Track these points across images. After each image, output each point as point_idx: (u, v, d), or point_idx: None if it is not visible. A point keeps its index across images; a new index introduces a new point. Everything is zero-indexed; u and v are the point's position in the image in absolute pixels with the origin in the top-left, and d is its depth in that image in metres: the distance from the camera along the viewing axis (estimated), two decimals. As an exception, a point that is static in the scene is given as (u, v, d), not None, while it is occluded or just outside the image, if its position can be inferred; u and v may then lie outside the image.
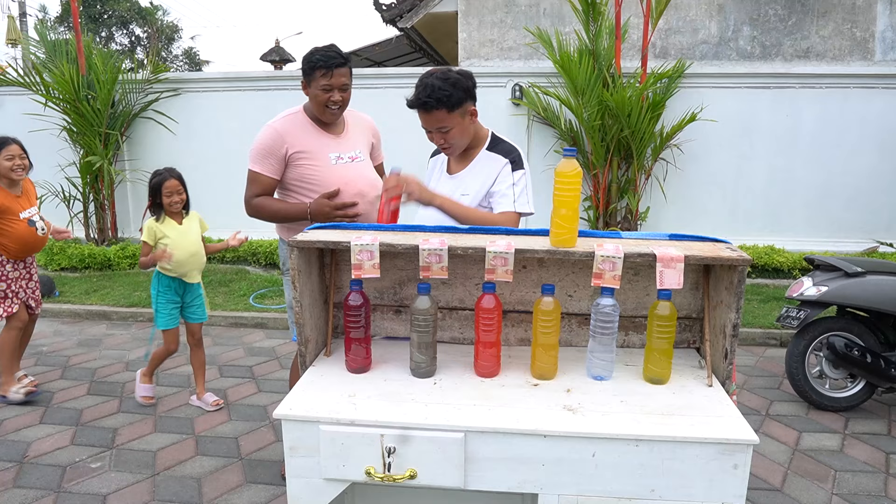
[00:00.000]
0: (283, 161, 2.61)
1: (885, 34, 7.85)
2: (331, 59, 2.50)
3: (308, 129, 2.65)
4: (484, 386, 1.76)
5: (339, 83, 2.53)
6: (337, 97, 2.55)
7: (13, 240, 3.62)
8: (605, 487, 1.52)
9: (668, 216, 7.40)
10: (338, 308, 2.07)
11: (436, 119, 2.19)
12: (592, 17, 6.90)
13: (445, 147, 2.30)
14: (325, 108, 2.58)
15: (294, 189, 2.68)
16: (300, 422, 1.58)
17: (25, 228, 3.64)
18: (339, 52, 2.54)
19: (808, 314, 3.71)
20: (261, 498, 2.87)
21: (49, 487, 2.94)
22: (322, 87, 2.53)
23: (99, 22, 25.58)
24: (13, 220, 3.60)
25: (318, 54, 2.52)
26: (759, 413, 3.77)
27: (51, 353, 4.77)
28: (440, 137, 2.25)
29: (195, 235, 3.61)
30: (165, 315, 3.60)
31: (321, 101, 2.56)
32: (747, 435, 1.49)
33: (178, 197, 3.51)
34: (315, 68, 2.51)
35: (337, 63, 2.50)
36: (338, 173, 2.62)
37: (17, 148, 3.63)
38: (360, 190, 2.63)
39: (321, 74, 2.51)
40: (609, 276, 1.67)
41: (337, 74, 2.51)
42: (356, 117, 2.83)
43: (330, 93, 2.54)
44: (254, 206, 2.66)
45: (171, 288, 3.59)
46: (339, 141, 2.69)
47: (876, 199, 7.25)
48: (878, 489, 2.99)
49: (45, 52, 7.69)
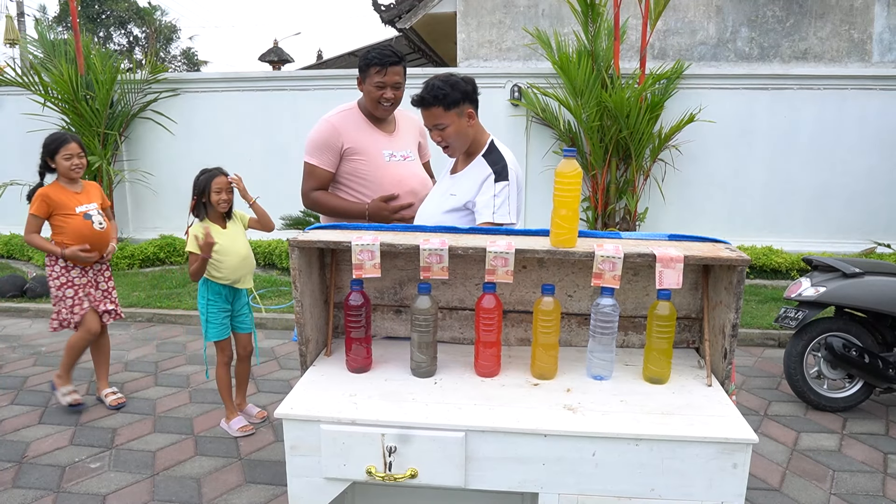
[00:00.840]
0: (338, 155, 2.67)
1: (883, 36, 7.88)
2: (386, 57, 2.59)
3: (362, 126, 2.71)
4: (484, 386, 1.76)
5: (392, 81, 2.61)
6: (389, 94, 2.63)
7: (69, 235, 3.47)
8: (605, 486, 1.53)
9: (666, 217, 7.41)
10: (338, 308, 2.07)
11: (433, 116, 2.28)
12: (591, 18, 6.91)
13: (444, 146, 2.35)
14: (377, 105, 2.65)
15: (345, 184, 2.72)
16: (301, 421, 1.58)
17: (81, 222, 3.50)
18: (395, 51, 2.63)
19: (807, 315, 3.72)
20: (260, 498, 2.88)
21: (48, 487, 2.94)
22: (376, 84, 2.60)
23: (97, 22, 25.56)
24: (68, 215, 3.48)
25: (374, 52, 2.61)
26: (758, 413, 3.78)
27: (49, 353, 4.77)
28: (437, 135, 2.33)
29: (243, 237, 3.42)
30: (217, 325, 3.37)
31: (374, 98, 2.63)
32: (747, 434, 1.50)
33: (226, 195, 3.30)
34: (370, 65, 2.60)
35: (392, 61, 2.59)
36: (391, 170, 2.68)
37: (76, 146, 3.51)
38: (413, 188, 2.69)
39: (375, 72, 2.59)
40: (609, 277, 1.68)
41: (391, 72, 2.60)
42: (405, 116, 2.88)
43: (383, 90, 2.61)
44: (312, 200, 2.72)
45: (222, 296, 3.36)
46: (392, 139, 2.75)
47: (874, 201, 7.26)
48: (875, 489, 3.00)
49: (44, 51, 7.68)
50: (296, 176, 4.50)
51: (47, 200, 3.45)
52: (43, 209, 3.45)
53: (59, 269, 3.54)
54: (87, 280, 3.61)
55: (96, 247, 3.56)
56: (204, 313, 3.37)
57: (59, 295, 3.55)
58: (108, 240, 3.65)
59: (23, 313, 5.80)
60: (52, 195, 3.47)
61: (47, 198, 3.45)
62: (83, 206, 3.55)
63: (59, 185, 3.53)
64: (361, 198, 2.69)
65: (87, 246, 3.50)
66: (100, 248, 3.59)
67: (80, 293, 3.58)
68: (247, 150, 7.83)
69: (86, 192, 3.61)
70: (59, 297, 3.56)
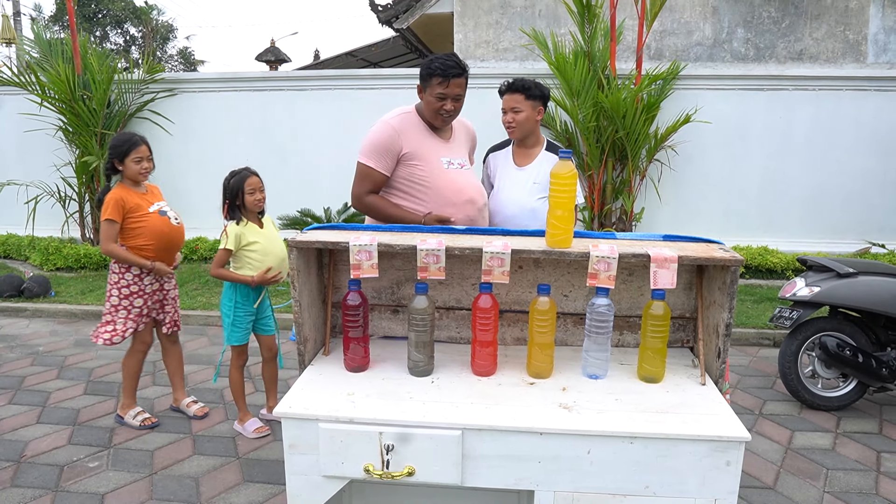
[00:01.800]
0: (395, 159, 2.58)
1: (878, 37, 7.91)
2: (449, 68, 2.51)
3: (421, 131, 2.64)
4: (481, 384, 1.78)
5: (453, 93, 2.54)
6: (450, 106, 2.56)
7: (149, 235, 3.31)
8: (600, 484, 1.55)
9: (662, 217, 7.44)
10: (336, 308, 2.09)
11: (514, 100, 2.77)
12: (587, 19, 6.93)
13: (512, 127, 2.81)
14: (436, 115, 2.59)
15: (400, 188, 2.64)
16: (299, 420, 1.60)
17: (158, 219, 3.35)
18: (458, 62, 2.55)
19: (801, 314, 3.75)
20: (258, 496, 2.89)
21: (47, 487, 2.95)
22: (437, 95, 2.54)
23: (93, 21, 25.52)
24: (144, 215, 3.32)
25: (438, 62, 2.53)
26: (753, 412, 3.81)
27: (47, 352, 4.77)
28: (512, 116, 2.79)
29: (279, 237, 3.36)
30: (241, 329, 3.34)
31: (434, 108, 2.57)
32: (739, 432, 1.52)
33: (260, 195, 3.28)
34: (432, 75, 2.52)
35: (454, 73, 2.51)
36: (449, 177, 2.62)
37: (146, 149, 3.36)
38: (471, 197, 2.66)
39: (437, 82, 2.52)
40: (604, 277, 1.70)
41: (453, 84, 2.53)
42: (461, 124, 2.83)
43: (443, 101, 2.55)
44: (366, 204, 2.63)
45: (251, 299, 3.33)
46: (449, 146, 2.70)
47: (868, 201, 7.30)
48: (869, 487, 3.02)
49: (41, 51, 7.68)
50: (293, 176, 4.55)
51: (122, 203, 3.26)
52: (119, 213, 3.26)
53: (130, 277, 3.35)
54: (158, 287, 3.47)
55: (175, 242, 3.45)
56: (229, 315, 3.32)
57: (125, 305, 3.35)
58: (183, 235, 3.55)
59: (20, 313, 5.80)
60: (126, 197, 3.29)
61: (122, 201, 3.26)
62: (154, 205, 3.40)
63: (126, 187, 3.36)
64: (419, 204, 2.61)
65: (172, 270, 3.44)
66: (178, 243, 3.48)
67: (148, 302, 3.42)
68: (244, 151, 7.83)
69: (151, 193, 3.47)
70: (125, 307, 3.36)
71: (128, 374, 3.53)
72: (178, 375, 3.70)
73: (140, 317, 3.40)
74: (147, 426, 3.50)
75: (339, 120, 7.62)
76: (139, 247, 3.32)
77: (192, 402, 3.69)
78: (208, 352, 4.75)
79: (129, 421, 3.52)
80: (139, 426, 3.49)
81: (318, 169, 7.73)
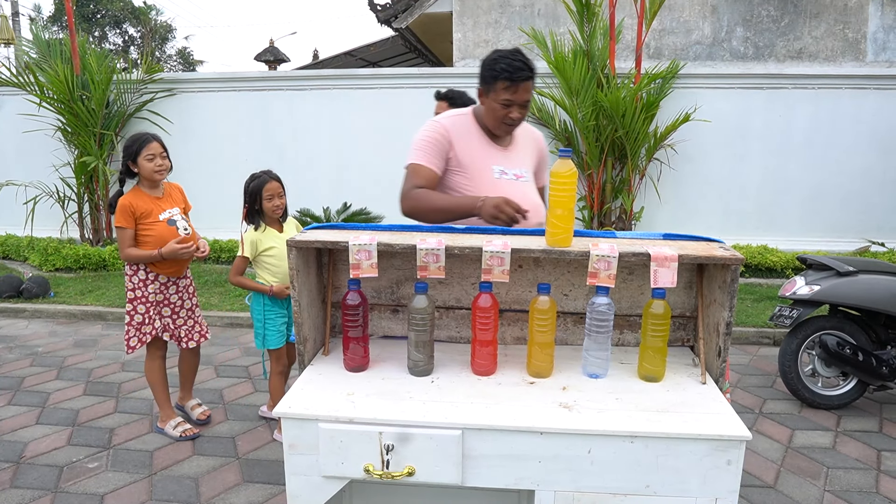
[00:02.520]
0: (444, 160, 2.31)
1: (877, 35, 7.92)
2: (517, 70, 2.17)
3: (475, 135, 2.35)
4: (481, 384, 1.78)
5: (521, 99, 2.23)
6: (516, 114, 2.26)
7: (155, 245, 3.17)
8: (600, 483, 1.55)
9: (662, 216, 7.44)
10: (336, 307, 2.09)
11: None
12: (587, 18, 6.93)
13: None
14: (500, 124, 2.29)
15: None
16: (299, 420, 1.59)
17: (165, 229, 3.20)
18: (526, 62, 2.21)
19: (801, 313, 3.75)
20: (258, 497, 2.89)
21: (46, 487, 2.95)
22: (502, 102, 2.22)
23: (92, 21, 25.51)
24: (153, 223, 3.19)
25: (504, 63, 2.18)
26: (753, 411, 3.80)
27: (46, 353, 4.77)
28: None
29: None
30: (276, 332, 3.30)
31: (498, 116, 2.26)
32: (740, 431, 1.52)
33: (279, 200, 3.22)
34: (498, 79, 2.19)
35: (524, 77, 2.19)
36: (499, 189, 2.26)
37: (158, 146, 3.20)
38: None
39: (504, 87, 2.19)
40: (604, 276, 1.69)
41: (522, 89, 2.21)
42: (526, 131, 2.49)
43: (510, 108, 2.24)
44: (412, 198, 2.26)
45: (278, 302, 3.30)
46: (507, 154, 2.38)
47: (868, 200, 7.30)
48: (869, 486, 3.02)
49: (39, 51, 7.67)
50: (292, 175, 4.52)
51: (131, 210, 3.16)
52: (129, 220, 3.16)
53: (136, 282, 3.25)
54: (163, 298, 3.32)
55: (183, 258, 3.25)
56: (261, 320, 3.30)
57: (129, 310, 3.27)
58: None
59: (20, 314, 5.80)
60: (135, 203, 3.17)
61: (131, 207, 3.16)
62: (166, 212, 3.25)
63: (139, 190, 3.23)
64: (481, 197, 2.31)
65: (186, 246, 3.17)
66: (186, 256, 3.25)
67: (150, 312, 3.27)
68: (243, 151, 7.84)
69: (168, 196, 3.32)
70: (129, 311, 3.28)
71: (151, 384, 3.43)
72: (189, 378, 3.64)
73: (143, 325, 3.26)
74: (187, 437, 3.39)
75: (338, 119, 7.62)
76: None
77: (196, 404, 3.66)
78: (207, 352, 4.74)
79: (168, 432, 3.42)
80: (179, 437, 3.38)
81: (318, 169, 7.73)
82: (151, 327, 3.28)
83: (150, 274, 3.25)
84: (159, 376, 3.42)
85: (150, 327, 3.27)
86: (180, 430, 3.40)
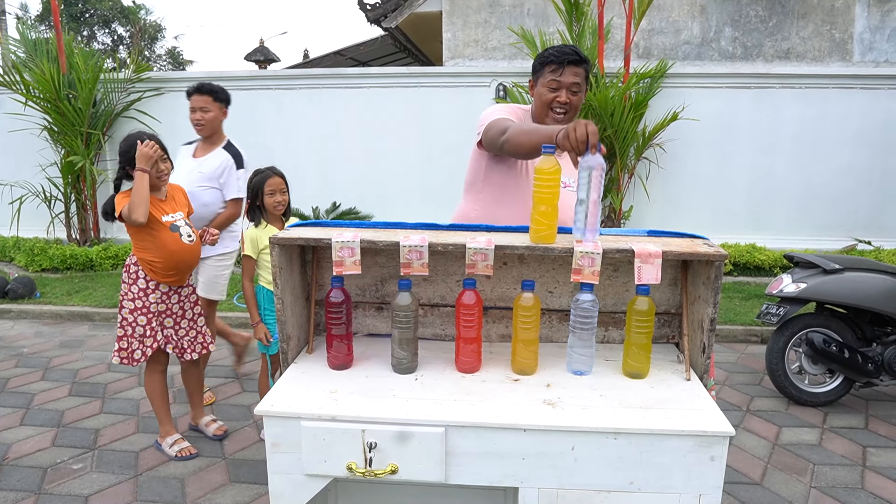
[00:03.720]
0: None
1: (863, 36, 7.97)
2: (564, 54, 2.17)
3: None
4: (465, 381, 1.77)
5: (569, 82, 2.18)
6: (564, 97, 2.19)
7: (156, 251, 2.96)
8: (584, 480, 1.54)
9: (651, 215, 7.46)
10: (319, 305, 2.07)
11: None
12: (576, 18, 6.94)
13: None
14: (549, 110, 2.22)
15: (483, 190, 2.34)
16: (282, 418, 1.58)
17: (168, 235, 2.96)
18: (577, 50, 2.20)
19: (788, 311, 3.76)
20: (245, 497, 2.87)
21: (30, 489, 2.92)
22: (549, 85, 2.19)
23: (80, 21, 25.32)
24: (155, 227, 2.95)
25: (552, 49, 2.21)
26: (740, 409, 3.82)
27: (31, 354, 4.72)
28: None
29: None
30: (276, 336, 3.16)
31: (545, 101, 2.21)
32: (724, 427, 1.52)
33: (281, 196, 3.11)
34: (545, 63, 2.20)
35: (571, 59, 2.16)
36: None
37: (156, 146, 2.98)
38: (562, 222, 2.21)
39: (550, 70, 2.19)
40: (588, 272, 1.69)
41: (569, 72, 2.17)
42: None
43: (557, 92, 2.19)
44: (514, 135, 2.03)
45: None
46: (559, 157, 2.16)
47: (855, 198, 7.35)
48: (854, 482, 3.03)
49: (26, 51, 7.61)
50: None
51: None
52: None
53: (136, 291, 3.01)
54: (165, 308, 3.09)
55: (186, 262, 3.05)
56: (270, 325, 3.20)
57: (130, 320, 3.01)
58: (197, 255, 3.13)
59: (4, 315, 5.74)
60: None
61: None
62: (168, 215, 3.02)
63: None
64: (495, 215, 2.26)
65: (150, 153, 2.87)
66: (189, 263, 3.08)
67: (153, 322, 3.05)
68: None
69: (171, 199, 3.09)
70: (129, 322, 3.02)
71: (151, 397, 3.23)
72: (196, 395, 3.45)
73: (144, 337, 3.03)
74: (184, 457, 3.20)
75: (327, 119, 7.60)
76: (148, 261, 2.98)
77: (211, 420, 3.47)
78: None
79: (165, 450, 3.24)
80: (175, 457, 3.19)
81: (307, 168, 7.69)
82: (153, 339, 3.05)
83: (150, 283, 3.01)
84: (159, 390, 3.22)
85: (151, 339, 3.05)
86: (177, 449, 3.22)
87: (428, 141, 7.53)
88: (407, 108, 7.53)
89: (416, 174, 7.62)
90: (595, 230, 1.71)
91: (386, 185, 7.65)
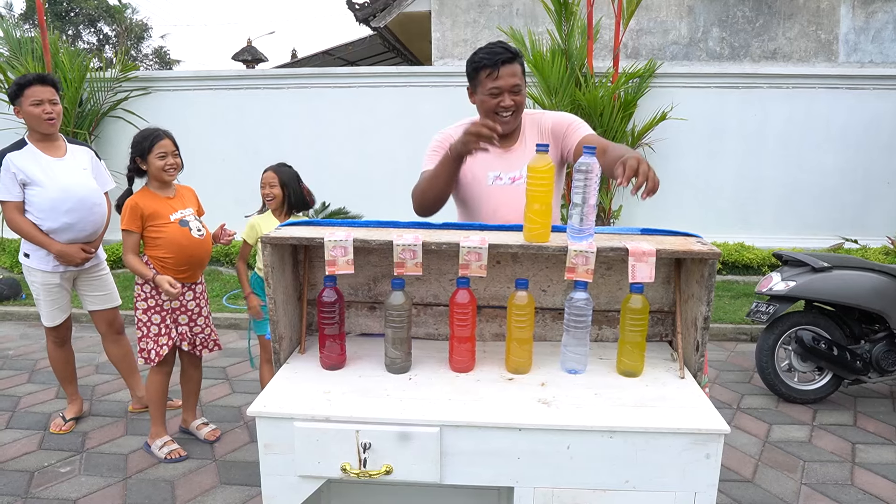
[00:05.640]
0: None
1: (848, 37, 8.05)
2: (496, 54, 2.09)
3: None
4: (459, 381, 1.76)
5: (509, 84, 2.11)
6: (508, 101, 2.13)
7: (166, 247, 2.97)
8: (579, 479, 1.54)
9: (640, 214, 7.48)
10: (312, 305, 2.06)
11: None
12: (565, 17, 6.95)
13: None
14: (495, 117, 2.15)
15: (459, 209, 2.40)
16: (274, 419, 1.57)
17: (177, 230, 2.99)
18: (507, 47, 2.12)
19: (777, 309, 3.79)
20: (235, 499, 2.84)
21: (16, 493, 2.88)
22: (489, 92, 2.12)
23: (65, 20, 25.08)
24: (163, 224, 2.98)
25: (482, 52, 2.13)
26: (731, 407, 3.83)
27: (17, 356, 4.66)
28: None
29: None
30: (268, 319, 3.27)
31: (489, 108, 2.15)
32: (719, 425, 1.52)
33: (269, 190, 3.22)
34: (479, 69, 2.13)
35: (504, 59, 2.09)
36: (491, 196, 2.23)
37: (170, 143, 2.99)
38: (506, 219, 2.17)
39: (486, 75, 2.11)
40: (582, 271, 1.69)
41: (505, 73, 2.10)
42: (533, 121, 2.31)
43: (499, 97, 2.12)
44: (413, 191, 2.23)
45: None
46: (506, 156, 2.24)
47: (841, 197, 7.42)
48: (844, 478, 3.06)
49: (10, 49, 7.51)
50: (269, 174, 4.32)
51: (139, 211, 2.95)
52: (136, 223, 2.95)
53: (148, 290, 3.03)
54: (179, 305, 3.11)
55: (196, 257, 3.08)
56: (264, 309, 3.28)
57: (144, 320, 3.05)
58: (208, 250, 3.15)
59: (-11, 317, 5.67)
60: (143, 204, 2.96)
61: (138, 208, 2.95)
62: (178, 212, 3.05)
63: (148, 190, 3.04)
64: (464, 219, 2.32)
65: (178, 287, 2.97)
66: (200, 258, 3.10)
67: (167, 320, 3.07)
68: (219, 150, 7.74)
69: (179, 197, 3.11)
70: (144, 322, 3.05)
71: (151, 398, 3.21)
72: (192, 397, 3.42)
73: (160, 336, 3.05)
74: (173, 459, 3.16)
75: (316, 119, 7.56)
76: (159, 258, 2.99)
77: (202, 423, 3.44)
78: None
79: (155, 452, 3.20)
80: (164, 459, 3.16)
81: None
82: (168, 337, 3.07)
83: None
84: (161, 391, 3.19)
85: (166, 337, 3.06)
86: (166, 451, 3.18)
87: (416, 140, 7.51)
88: (395, 107, 7.51)
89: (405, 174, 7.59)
90: (590, 234, 1.72)
91: (374, 185, 7.62)
